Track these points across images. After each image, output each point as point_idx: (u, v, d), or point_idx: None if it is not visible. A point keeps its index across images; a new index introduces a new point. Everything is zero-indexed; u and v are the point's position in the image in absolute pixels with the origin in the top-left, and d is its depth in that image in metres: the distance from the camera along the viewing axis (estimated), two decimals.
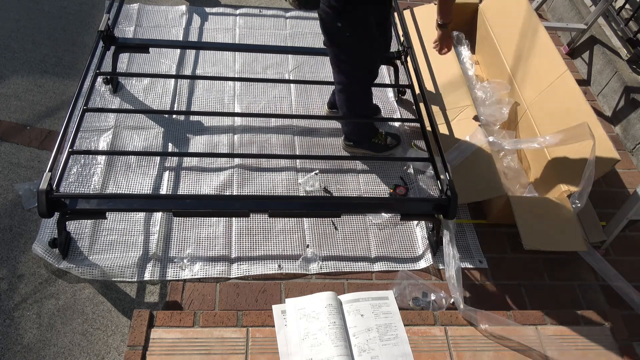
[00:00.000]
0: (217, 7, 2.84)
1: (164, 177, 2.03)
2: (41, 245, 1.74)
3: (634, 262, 2.03)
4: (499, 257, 1.96)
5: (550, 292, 1.89)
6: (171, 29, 2.67)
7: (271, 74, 2.52)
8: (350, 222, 1.99)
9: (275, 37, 2.73)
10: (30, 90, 2.30)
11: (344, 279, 1.83)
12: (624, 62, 2.63)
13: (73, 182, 1.96)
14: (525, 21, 2.36)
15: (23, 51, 2.47)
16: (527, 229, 1.80)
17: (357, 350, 1.52)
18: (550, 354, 1.58)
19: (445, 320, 1.64)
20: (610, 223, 1.98)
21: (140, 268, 1.76)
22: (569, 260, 1.99)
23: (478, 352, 1.57)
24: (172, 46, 2.53)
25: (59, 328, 1.62)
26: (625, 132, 2.48)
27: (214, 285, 1.76)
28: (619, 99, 2.54)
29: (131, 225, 1.87)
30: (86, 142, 2.11)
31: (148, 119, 2.23)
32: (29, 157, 2.05)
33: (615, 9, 2.81)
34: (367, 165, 2.19)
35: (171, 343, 1.49)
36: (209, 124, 2.25)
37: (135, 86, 2.36)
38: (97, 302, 1.69)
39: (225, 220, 1.92)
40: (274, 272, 1.81)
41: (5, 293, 1.67)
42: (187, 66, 2.50)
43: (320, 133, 2.28)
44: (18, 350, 1.56)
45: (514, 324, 1.62)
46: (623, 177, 2.33)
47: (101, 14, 2.48)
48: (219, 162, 2.10)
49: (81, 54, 2.49)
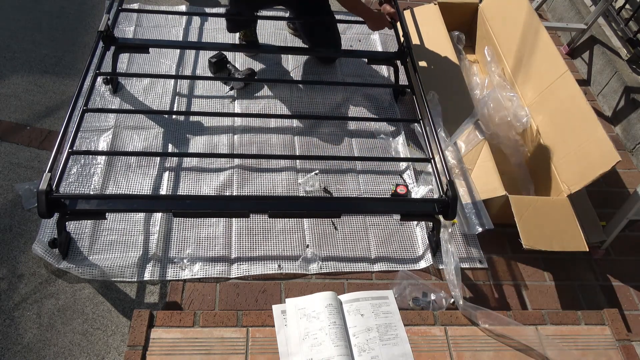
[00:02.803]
0: (217, 7, 2.84)
1: (164, 177, 2.03)
2: (41, 245, 1.74)
3: (634, 262, 2.03)
4: (499, 257, 1.97)
5: (550, 292, 1.89)
6: (171, 29, 2.67)
7: (271, 74, 2.52)
8: (350, 222, 1.99)
9: (275, 37, 2.73)
10: (30, 90, 2.31)
11: (344, 279, 1.83)
12: (624, 62, 2.63)
13: (73, 183, 1.96)
14: (526, 21, 2.36)
15: (23, 51, 2.47)
16: (527, 229, 1.80)
17: (357, 350, 1.52)
18: (550, 354, 1.58)
19: (445, 320, 1.64)
20: (610, 223, 1.98)
21: (140, 268, 1.76)
22: (569, 260, 1.99)
23: (478, 352, 1.57)
24: (172, 46, 2.53)
25: (59, 328, 1.62)
26: (625, 132, 2.48)
27: (214, 285, 1.76)
28: (619, 99, 2.54)
29: (131, 225, 1.87)
30: (86, 142, 2.11)
31: (148, 119, 2.23)
32: (29, 157, 2.05)
33: (615, 9, 2.81)
34: (367, 165, 2.19)
35: (171, 343, 1.49)
36: (208, 124, 2.25)
37: (135, 86, 2.36)
38: (97, 302, 1.69)
39: (225, 220, 1.92)
40: (273, 272, 1.81)
41: (5, 293, 1.67)
42: (187, 66, 2.50)
43: (320, 133, 2.28)
44: (18, 350, 1.56)
45: (514, 323, 1.62)
46: (623, 177, 2.33)
47: (101, 14, 2.48)
48: (218, 163, 2.10)
49: (81, 54, 2.49)
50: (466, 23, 2.81)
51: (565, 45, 2.93)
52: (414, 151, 2.25)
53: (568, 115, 2.04)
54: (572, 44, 2.89)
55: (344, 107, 2.42)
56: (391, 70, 2.52)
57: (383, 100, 2.47)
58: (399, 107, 2.46)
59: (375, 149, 2.26)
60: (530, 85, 2.28)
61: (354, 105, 2.43)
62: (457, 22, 2.74)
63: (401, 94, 2.48)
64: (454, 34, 2.62)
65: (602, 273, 1.97)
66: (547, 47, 2.22)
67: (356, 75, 2.58)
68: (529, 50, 2.31)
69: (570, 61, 2.90)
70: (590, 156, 1.87)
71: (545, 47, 2.23)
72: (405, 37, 2.28)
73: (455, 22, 2.71)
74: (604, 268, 1.99)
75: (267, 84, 2.44)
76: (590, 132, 1.90)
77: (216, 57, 2.41)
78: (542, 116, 2.17)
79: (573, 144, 1.96)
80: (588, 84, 2.77)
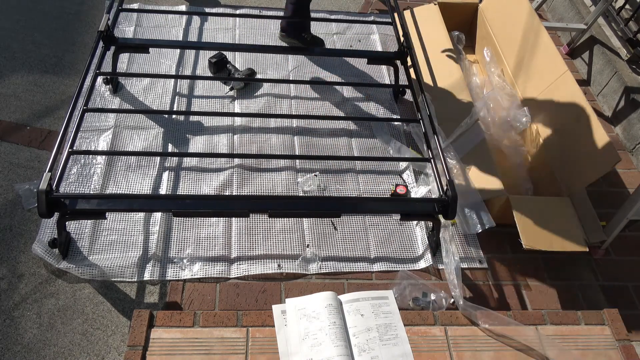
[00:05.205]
0: (217, 7, 2.84)
1: (164, 177, 2.03)
2: (41, 245, 1.74)
3: (634, 262, 2.03)
4: (499, 257, 1.96)
5: (550, 292, 1.89)
6: (171, 29, 2.67)
7: (271, 74, 2.52)
8: (349, 222, 1.99)
9: (275, 37, 2.73)
10: (30, 90, 2.31)
11: (344, 279, 1.83)
12: (624, 62, 2.63)
13: (73, 182, 1.96)
14: (526, 21, 2.36)
15: (23, 51, 2.47)
16: (527, 229, 1.80)
17: (357, 350, 1.52)
18: (550, 354, 1.58)
19: (445, 320, 1.64)
20: (610, 223, 1.98)
21: (140, 268, 1.76)
22: (569, 260, 1.99)
23: (478, 352, 1.57)
24: (172, 46, 2.53)
25: (59, 328, 1.62)
26: (625, 132, 2.48)
27: (214, 285, 1.76)
28: (619, 99, 2.54)
29: (131, 225, 1.87)
30: (86, 142, 2.11)
31: (148, 119, 2.23)
32: (29, 157, 2.05)
33: (615, 9, 2.81)
34: (366, 165, 2.19)
35: (171, 343, 1.49)
36: (208, 124, 2.25)
37: (135, 86, 2.36)
38: (97, 302, 1.69)
39: (225, 220, 1.92)
40: (273, 272, 1.81)
41: (5, 293, 1.67)
42: (187, 66, 2.50)
43: (320, 133, 2.28)
44: (18, 350, 1.56)
45: (514, 323, 1.62)
46: (623, 177, 2.33)
47: (101, 14, 2.48)
48: (218, 162, 2.10)
49: (81, 54, 2.49)
50: (466, 23, 2.81)
51: (565, 45, 2.93)
52: (414, 151, 2.25)
53: (568, 115, 2.04)
54: (572, 44, 2.89)
55: (344, 107, 2.42)
56: (391, 70, 2.52)
57: (383, 100, 2.47)
58: (399, 107, 2.46)
59: (374, 149, 2.26)
60: (530, 85, 2.28)
61: (354, 105, 2.43)
62: (457, 22, 2.74)
63: (401, 94, 2.48)
64: (454, 34, 2.62)
65: (602, 273, 1.97)
66: (547, 47, 2.23)
67: (356, 75, 2.58)
68: (529, 50, 2.31)
69: (570, 61, 2.90)
70: (590, 156, 1.87)
71: (545, 47, 2.23)
72: (405, 37, 2.28)
73: (455, 22, 2.71)
74: (604, 268, 1.99)
75: (267, 84, 2.45)
76: (590, 132, 1.90)
77: (216, 57, 2.41)
78: (542, 116, 2.17)
79: (573, 144, 1.96)
80: (588, 84, 2.77)
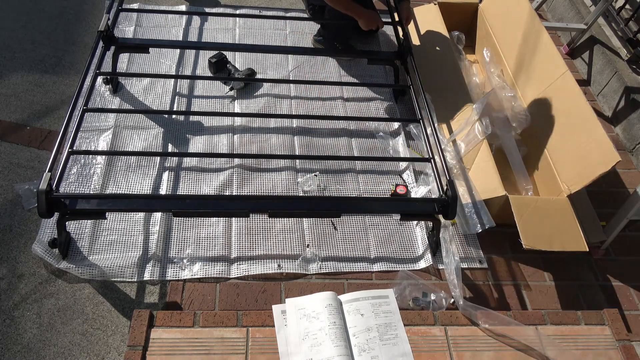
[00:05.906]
0: (217, 7, 2.84)
1: (164, 177, 2.03)
2: (41, 245, 1.74)
3: (634, 262, 2.03)
4: (499, 257, 1.96)
5: (550, 292, 1.89)
6: (171, 29, 2.67)
7: (271, 74, 2.52)
8: (349, 222, 1.99)
9: (275, 37, 2.73)
10: (30, 90, 2.31)
11: (344, 279, 1.83)
12: (624, 62, 2.63)
13: (73, 182, 1.96)
14: (526, 21, 2.36)
15: (23, 51, 2.47)
16: (527, 229, 1.80)
17: (357, 350, 1.52)
18: (550, 354, 1.58)
19: (445, 320, 1.64)
20: (610, 223, 1.98)
21: (140, 268, 1.76)
22: (569, 260, 1.99)
23: (478, 352, 1.57)
24: (172, 46, 2.53)
25: (59, 328, 1.62)
26: (625, 132, 2.48)
27: (214, 285, 1.76)
28: (619, 99, 2.54)
29: (131, 225, 1.87)
30: (86, 142, 2.11)
31: (148, 119, 2.23)
32: (29, 157, 2.05)
33: (615, 9, 2.81)
34: (366, 165, 2.19)
35: (171, 343, 1.49)
36: (208, 124, 2.25)
37: (135, 86, 2.36)
38: (97, 302, 1.69)
39: (225, 220, 1.92)
40: (273, 272, 1.81)
41: (5, 293, 1.67)
42: (187, 66, 2.50)
43: (320, 133, 2.28)
44: (18, 350, 1.56)
45: (514, 323, 1.62)
46: (623, 177, 2.33)
47: (101, 14, 2.48)
48: (218, 162, 2.10)
49: (81, 54, 2.49)
50: (466, 23, 2.81)
51: (565, 45, 2.93)
52: (414, 151, 2.25)
53: (568, 115, 2.04)
54: (572, 44, 2.89)
55: (344, 107, 2.42)
56: (391, 70, 2.52)
57: (383, 100, 2.47)
58: (399, 107, 2.46)
59: (374, 149, 2.26)
60: (530, 85, 2.28)
61: (354, 105, 2.43)
62: (457, 22, 2.74)
63: (401, 94, 2.48)
64: (454, 34, 2.62)
65: (602, 273, 1.97)
66: (547, 47, 2.22)
67: (356, 75, 2.58)
68: (529, 50, 2.31)
69: (570, 61, 2.90)
70: (590, 156, 1.87)
71: (545, 47, 2.23)
72: (405, 37, 2.28)
73: (455, 22, 2.71)
74: (604, 268, 1.99)
75: (267, 84, 2.45)
76: (590, 132, 1.90)
77: (216, 57, 2.41)
78: (542, 116, 2.17)
79: (573, 144, 1.96)
80: (588, 84, 2.77)
